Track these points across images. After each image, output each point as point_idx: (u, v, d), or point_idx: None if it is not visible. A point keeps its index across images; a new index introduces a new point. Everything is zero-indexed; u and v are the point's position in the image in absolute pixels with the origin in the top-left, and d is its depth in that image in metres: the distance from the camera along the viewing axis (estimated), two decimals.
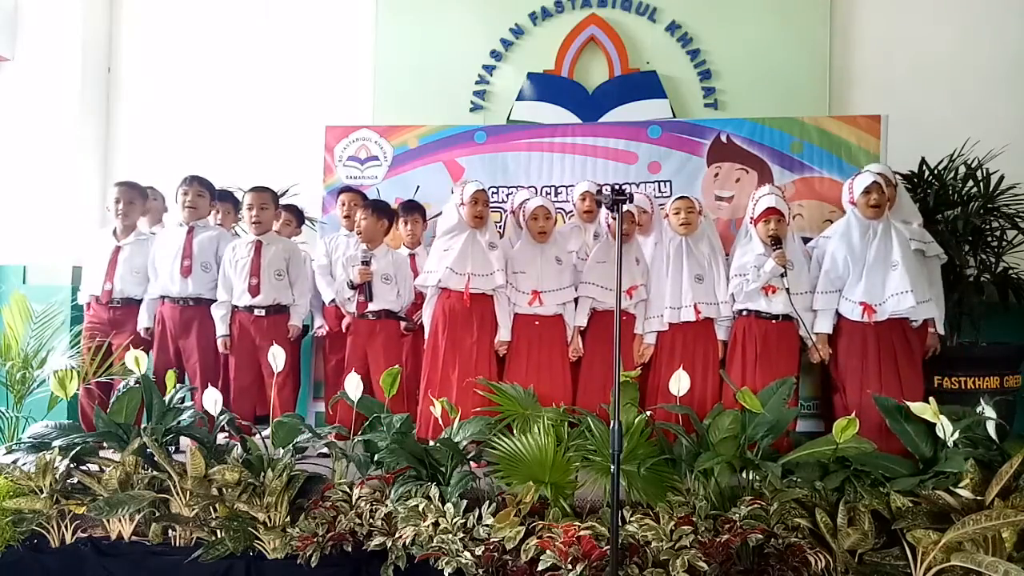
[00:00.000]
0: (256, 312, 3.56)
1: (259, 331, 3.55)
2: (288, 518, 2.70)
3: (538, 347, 3.41)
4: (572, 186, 4.17)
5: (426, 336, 3.47)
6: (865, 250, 3.25)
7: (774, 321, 3.31)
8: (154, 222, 4.14)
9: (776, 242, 3.26)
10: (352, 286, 3.57)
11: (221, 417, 2.98)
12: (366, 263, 3.54)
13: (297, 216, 4.26)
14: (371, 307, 3.56)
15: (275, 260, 3.60)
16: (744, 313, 3.37)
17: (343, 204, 4.00)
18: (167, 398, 3.07)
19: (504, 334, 3.40)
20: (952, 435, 2.63)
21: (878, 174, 3.35)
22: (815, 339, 3.32)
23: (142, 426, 2.93)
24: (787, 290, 3.22)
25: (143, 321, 3.66)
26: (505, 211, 4.16)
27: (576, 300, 3.48)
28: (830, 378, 3.40)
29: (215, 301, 3.65)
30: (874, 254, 3.23)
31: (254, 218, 3.60)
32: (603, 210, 3.59)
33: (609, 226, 3.48)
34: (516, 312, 3.43)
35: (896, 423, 2.82)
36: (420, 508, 2.55)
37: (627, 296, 3.40)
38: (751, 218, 3.40)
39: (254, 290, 3.54)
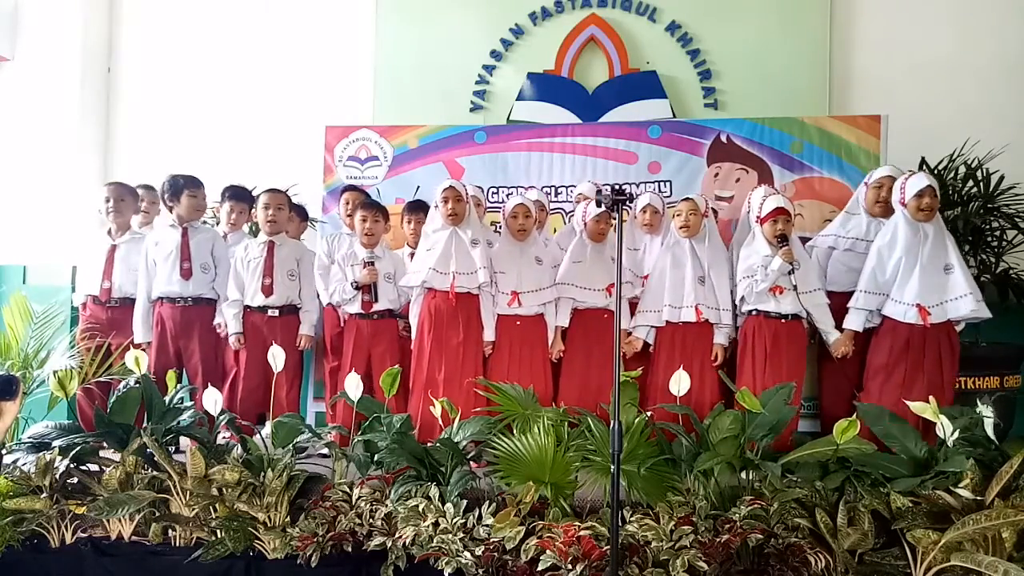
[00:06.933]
0: (270, 312, 3.55)
1: (272, 331, 3.52)
2: (288, 518, 2.70)
3: (519, 347, 3.42)
4: (573, 186, 4.17)
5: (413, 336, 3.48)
6: (918, 252, 3.17)
7: (783, 321, 3.29)
8: (144, 223, 4.07)
9: (782, 240, 3.24)
10: (356, 286, 3.56)
11: (221, 417, 2.98)
12: (371, 263, 3.54)
13: (302, 216, 4.25)
14: (376, 307, 3.56)
15: (287, 260, 3.60)
16: (754, 313, 3.35)
17: (347, 203, 3.94)
18: (167, 398, 3.07)
19: (489, 334, 3.41)
20: (952, 435, 2.63)
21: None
22: (836, 336, 3.29)
23: (142, 426, 2.93)
24: (794, 288, 3.21)
25: (139, 335, 3.59)
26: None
27: (557, 300, 3.48)
28: (843, 378, 3.38)
29: (215, 300, 3.64)
30: (928, 257, 3.16)
31: (270, 217, 3.59)
32: (579, 208, 3.60)
33: (586, 224, 3.49)
34: (498, 312, 3.43)
35: (894, 425, 2.80)
36: (420, 508, 2.55)
37: (608, 294, 3.42)
38: (757, 218, 3.38)
39: (267, 290, 3.53)
